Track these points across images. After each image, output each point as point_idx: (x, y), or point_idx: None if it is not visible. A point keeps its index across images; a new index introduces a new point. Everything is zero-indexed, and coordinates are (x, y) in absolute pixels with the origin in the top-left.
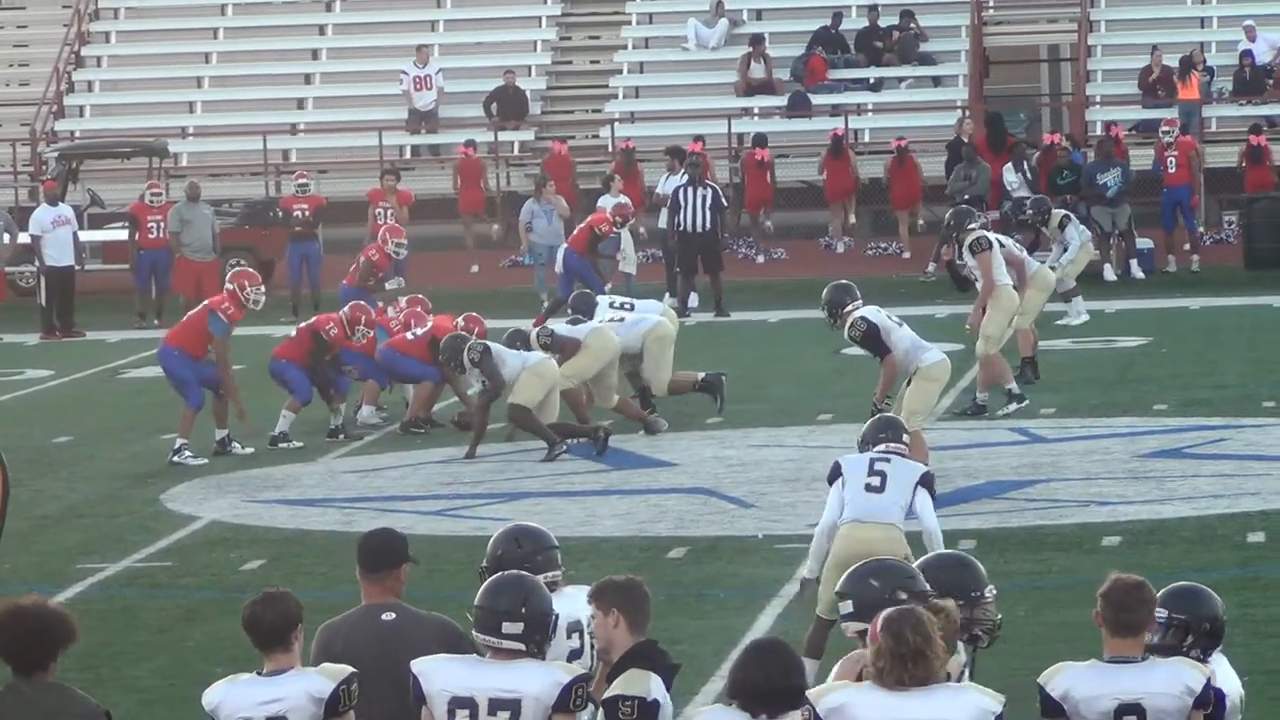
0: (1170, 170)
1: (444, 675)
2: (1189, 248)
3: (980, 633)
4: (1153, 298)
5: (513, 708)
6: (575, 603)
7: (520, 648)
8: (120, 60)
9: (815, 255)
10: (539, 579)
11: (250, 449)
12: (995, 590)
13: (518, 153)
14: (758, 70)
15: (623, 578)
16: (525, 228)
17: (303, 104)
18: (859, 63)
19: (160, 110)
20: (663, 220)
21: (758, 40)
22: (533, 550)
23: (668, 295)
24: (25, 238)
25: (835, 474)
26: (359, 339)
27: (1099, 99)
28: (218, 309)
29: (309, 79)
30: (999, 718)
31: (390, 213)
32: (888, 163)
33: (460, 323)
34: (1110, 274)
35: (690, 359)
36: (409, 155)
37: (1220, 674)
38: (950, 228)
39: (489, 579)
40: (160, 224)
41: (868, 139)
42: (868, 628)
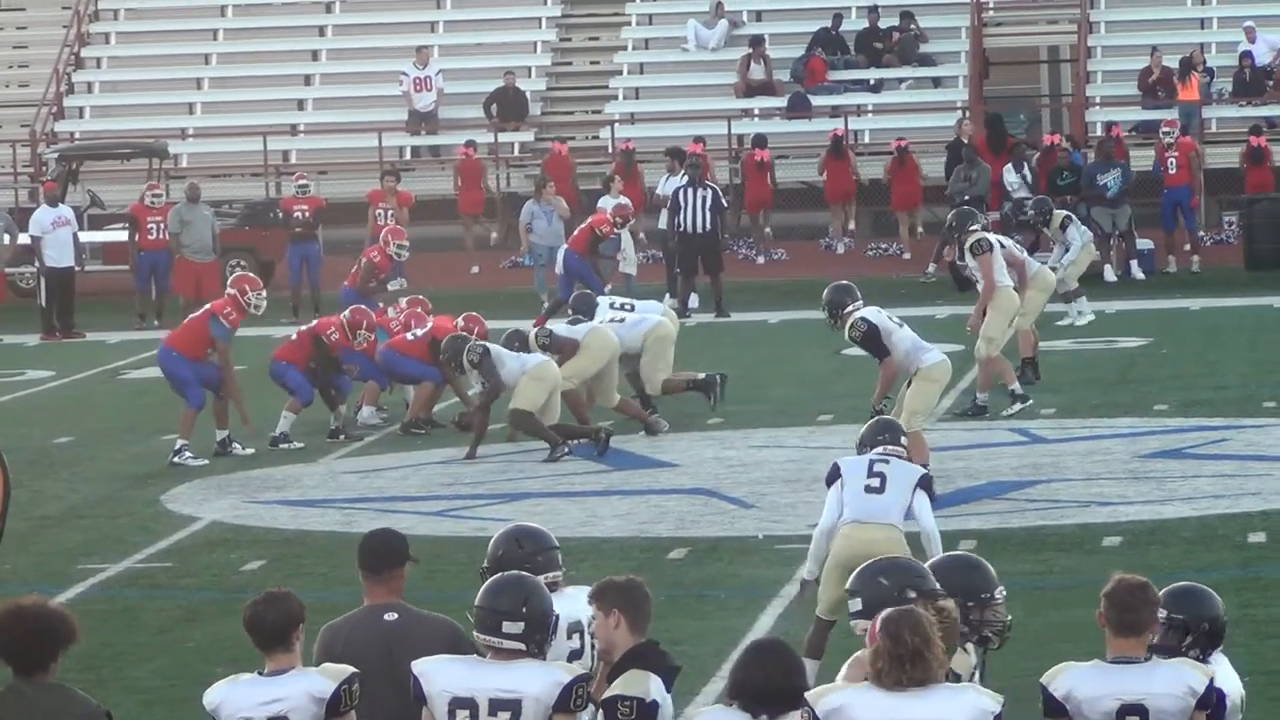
0: (1170, 171)
1: (444, 676)
2: (1189, 248)
3: (990, 634)
4: (1153, 298)
5: (513, 708)
6: (576, 603)
7: (521, 648)
8: (120, 61)
9: (815, 256)
10: (540, 579)
11: (251, 450)
12: (1005, 591)
13: (518, 154)
14: (758, 71)
15: (623, 578)
16: (525, 229)
17: (303, 105)
18: (859, 64)
19: (160, 111)
20: (663, 221)
21: (758, 41)
22: (533, 551)
23: (668, 296)
24: (25, 239)
25: (834, 476)
26: (360, 343)
27: (1099, 100)
28: (219, 314)
29: (309, 80)
30: (998, 718)
31: (390, 214)
32: (888, 163)
33: (460, 323)
34: (1111, 275)
35: (690, 360)
36: (409, 156)
37: (1221, 674)
38: (952, 229)
39: (490, 579)
40: (160, 225)
41: (868, 140)
42: None
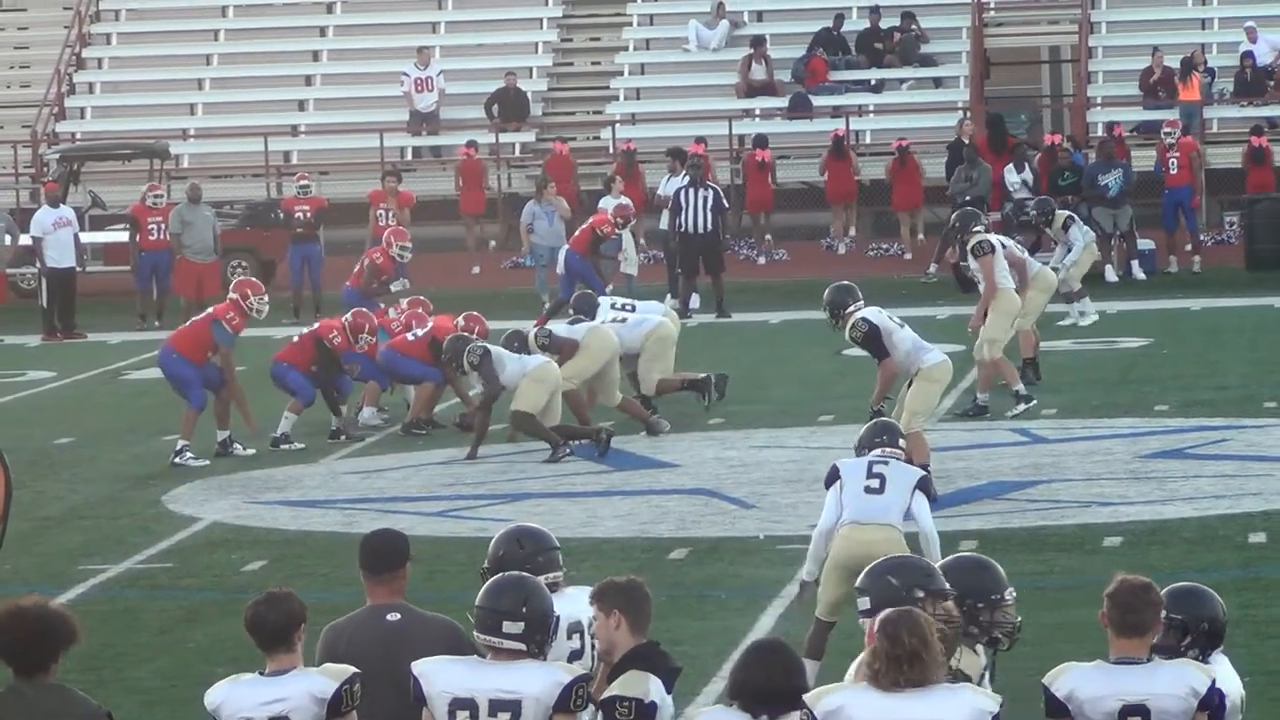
0: (1172, 171)
1: (444, 676)
2: (1190, 249)
3: (1000, 635)
4: (1154, 299)
5: (513, 709)
6: (576, 603)
7: (521, 648)
8: (121, 62)
9: (816, 256)
10: (540, 580)
11: (252, 450)
12: (1015, 593)
13: (519, 154)
14: (759, 72)
15: (624, 579)
16: (526, 229)
17: (304, 105)
18: (860, 64)
19: (161, 112)
20: (664, 221)
21: (759, 42)
22: (534, 551)
23: (669, 296)
24: (26, 239)
25: (833, 477)
26: (361, 346)
27: (1100, 100)
28: (222, 318)
29: (310, 80)
30: (996, 718)
31: (391, 214)
32: (889, 164)
33: (460, 322)
34: (1112, 275)
35: (692, 360)
36: (410, 157)
37: (1221, 675)
38: (956, 229)
39: (490, 579)
40: (161, 225)
41: (869, 140)
42: None
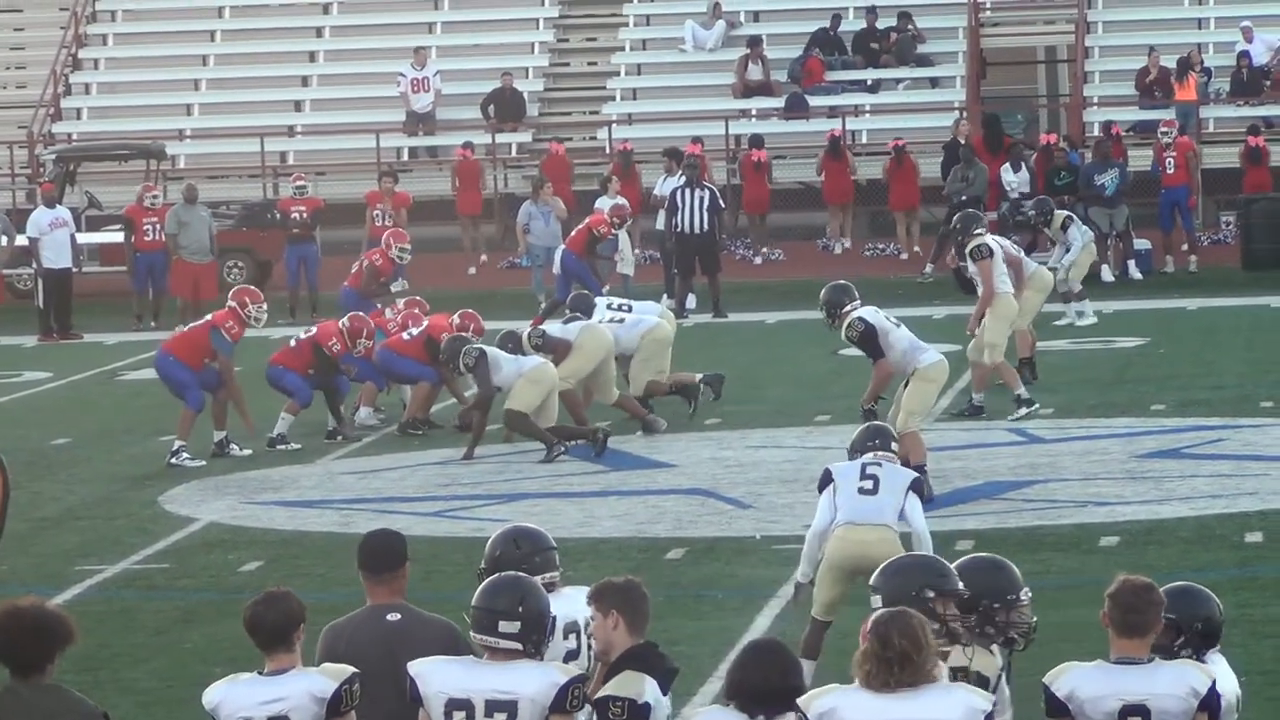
0: (1168, 171)
1: (441, 677)
2: (1187, 248)
3: (1016, 635)
4: (1150, 298)
5: (509, 709)
6: (573, 604)
7: (517, 648)
8: (117, 63)
9: (813, 256)
10: (537, 580)
11: (248, 451)
12: (1031, 593)
13: (515, 154)
14: (755, 72)
15: (621, 579)
16: (523, 229)
17: (300, 106)
18: (856, 64)
19: (157, 112)
20: (660, 222)
21: (755, 42)
22: (531, 551)
23: (665, 297)
24: (23, 240)
25: (826, 481)
26: (359, 350)
27: (1096, 100)
28: (220, 326)
29: (306, 81)
30: (989, 716)
31: (388, 215)
32: (886, 164)
33: (456, 320)
34: (1108, 275)
35: (688, 360)
36: (407, 157)
37: (1217, 674)
38: (956, 231)
39: (486, 580)
40: (156, 226)
41: (865, 140)
42: None
